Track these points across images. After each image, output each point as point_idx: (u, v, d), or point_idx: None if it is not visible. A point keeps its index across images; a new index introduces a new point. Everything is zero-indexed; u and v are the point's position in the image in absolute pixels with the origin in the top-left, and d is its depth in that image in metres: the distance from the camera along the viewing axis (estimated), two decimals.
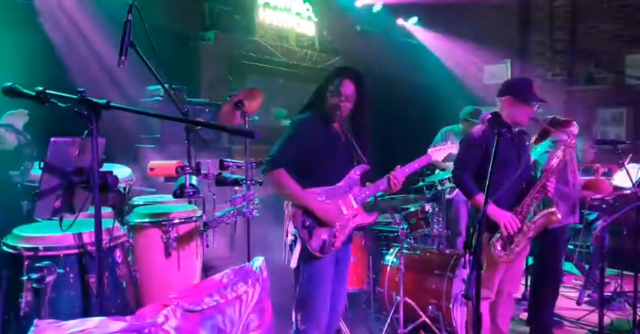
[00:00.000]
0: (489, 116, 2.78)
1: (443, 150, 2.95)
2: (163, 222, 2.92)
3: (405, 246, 3.78)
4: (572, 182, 3.74)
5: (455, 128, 5.14)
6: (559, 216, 2.98)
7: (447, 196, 4.48)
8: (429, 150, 2.92)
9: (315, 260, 2.57)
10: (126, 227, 2.83)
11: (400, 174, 2.71)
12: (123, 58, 2.11)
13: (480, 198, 2.86)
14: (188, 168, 2.81)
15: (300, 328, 2.61)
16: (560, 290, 4.88)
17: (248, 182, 3.20)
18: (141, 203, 3.40)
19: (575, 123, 3.70)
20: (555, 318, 4.09)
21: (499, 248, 2.91)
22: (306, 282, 2.60)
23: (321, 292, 2.60)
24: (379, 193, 3.89)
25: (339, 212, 2.60)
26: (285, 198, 2.58)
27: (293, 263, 2.56)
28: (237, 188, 3.44)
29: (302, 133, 2.58)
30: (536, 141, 3.69)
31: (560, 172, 3.65)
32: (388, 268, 3.90)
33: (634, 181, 3.57)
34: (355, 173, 2.67)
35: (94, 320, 1.48)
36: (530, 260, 3.98)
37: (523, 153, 3.08)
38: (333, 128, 2.69)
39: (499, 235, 2.90)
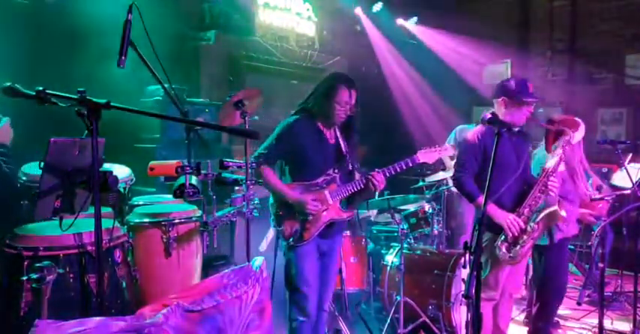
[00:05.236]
0: (490, 116, 2.78)
1: (432, 153, 2.94)
2: (163, 222, 2.93)
3: (405, 246, 3.78)
4: (584, 187, 3.65)
5: (470, 126, 5.08)
6: (563, 214, 2.95)
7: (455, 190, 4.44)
8: (419, 153, 2.93)
9: (294, 249, 2.76)
10: (126, 227, 2.83)
11: (380, 176, 2.80)
12: (123, 57, 2.11)
13: (482, 200, 2.84)
14: (188, 168, 2.80)
15: (291, 316, 2.80)
16: None
17: (248, 182, 3.20)
18: (141, 203, 3.40)
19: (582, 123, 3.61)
20: (556, 319, 4.08)
21: (504, 250, 2.89)
22: (289, 270, 2.79)
23: (302, 279, 2.76)
24: (386, 194, 3.94)
25: (313, 202, 2.73)
26: (268, 190, 2.82)
27: (263, 247, 2.80)
28: (237, 188, 3.44)
29: (289, 134, 2.76)
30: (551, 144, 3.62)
31: (568, 181, 3.54)
32: (388, 268, 3.90)
33: (634, 181, 3.56)
34: (334, 171, 2.82)
35: (94, 320, 1.48)
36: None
37: (522, 154, 3.06)
38: (322, 131, 2.85)
39: (504, 237, 2.89)
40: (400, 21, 7.34)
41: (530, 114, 3.01)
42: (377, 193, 3.17)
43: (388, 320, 3.62)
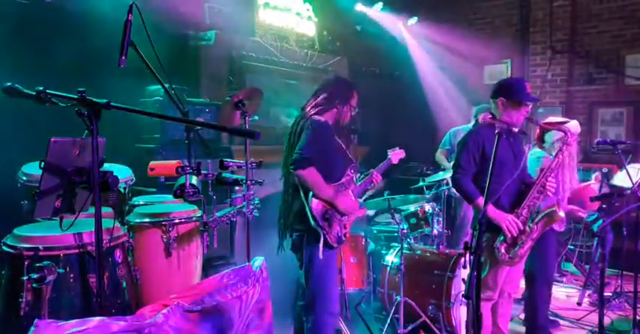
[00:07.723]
0: (490, 116, 2.78)
1: (400, 154, 3.42)
2: (163, 222, 2.93)
3: (405, 245, 3.78)
4: (570, 185, 3.71)
5: (465, 128, 5.10)
6: (561, 214, 2.95)
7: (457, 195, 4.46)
8: (390, 154, 3.40)
9: (331, 249, 2.82)
10: (126, 227, 2.83)
11: (377, 174, 3.18)
12: (123, 57, 2.11)
13: (481, 201, 2.83)
14: (188, 168, 2.80)
15: (316, 318, 2.78)
16: (561, 290, 4.90)
17: (248, 182, 3.20)
18: (141, 203, 3.40)
19: (577, 122, 3.67)
20: (554, 318, 4.09)
21: (503, 251, 2.88)
22: (319, 273, 2.80)
23: (332, 281, 2.86)
24: (386, 194, 4.04)
25: (354, 203, 2.92)
26: (314, 193, 2.77)
27: (321, 255, 2.76)
28: (237, 188, 3.44)
29: (324, 136, 2.82)
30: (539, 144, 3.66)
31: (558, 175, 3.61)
32: (388, 268, 3.90)
33: (634, 181, 3.56)
34: (350, 171, 3.00)
35: (94, 320, 1.48)
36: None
37: (520, 154, 3.06)
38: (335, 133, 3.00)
39: (502, 238, 2.89)
40: (399, 24, 7.33)
41: (527, 114, 3.02)
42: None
43: (388, 320, 3.62)
